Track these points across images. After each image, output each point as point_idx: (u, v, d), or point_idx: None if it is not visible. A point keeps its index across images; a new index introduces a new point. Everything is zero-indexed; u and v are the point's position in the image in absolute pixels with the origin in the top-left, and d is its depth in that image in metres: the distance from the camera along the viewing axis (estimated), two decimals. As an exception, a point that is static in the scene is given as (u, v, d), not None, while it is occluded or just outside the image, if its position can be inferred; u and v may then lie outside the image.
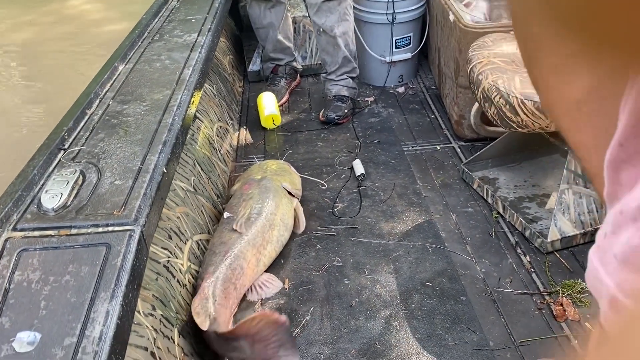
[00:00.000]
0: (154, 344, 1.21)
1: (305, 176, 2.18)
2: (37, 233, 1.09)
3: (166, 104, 1.54)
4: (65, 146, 1.37)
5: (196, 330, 1.47)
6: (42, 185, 1.22)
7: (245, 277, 1.63)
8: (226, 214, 1.77)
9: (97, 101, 1.58)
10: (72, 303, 0.95)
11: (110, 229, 1.10)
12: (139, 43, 1.96)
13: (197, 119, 2.07)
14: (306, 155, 2.39)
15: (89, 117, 1.50)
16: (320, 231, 1.94)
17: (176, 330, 1.34)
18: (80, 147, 1.36)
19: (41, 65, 4.27)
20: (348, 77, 2.64)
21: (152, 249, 1.33)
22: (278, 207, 1.81)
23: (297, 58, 3.00)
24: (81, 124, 1.47)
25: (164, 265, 1.42)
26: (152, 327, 1.23)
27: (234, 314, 1.59)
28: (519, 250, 1.83)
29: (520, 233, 1.89)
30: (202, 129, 2.10)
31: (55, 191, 1.18)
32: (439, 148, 2.40)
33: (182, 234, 1.60)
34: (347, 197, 2.12)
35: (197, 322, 1.42)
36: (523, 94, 1.67)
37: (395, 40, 2.77)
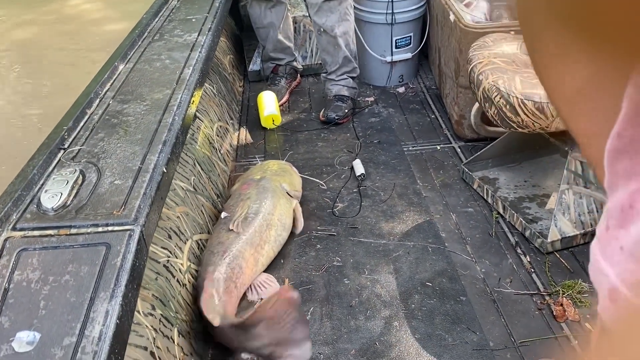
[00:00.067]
0: (154, 344, 1.21)
1: (305, 176, 2.17)
2: (36, 233, 1.09)
3: (166, 104, 1.54)
4: (65, 146, 1.37)
5: (200, 330, 1.47)
6: (42, 184, 1.22)
7: (244, 276, 1.63)
8: (223, 214, 1.77)
9: (97, 101, 1.58)
10: (72, 303, 0.95)
11: (110, 228, 1.10)
12: (139, 42, 1.96)
13: (197, 118, 2.07)
14: (306, 155, 2.39)
15: (89, 117, 1.50)
16: (320, 231, 1.94)
17: (176, 329, 1.34)
18: (80, 146, 1.36)
19: (41, 65, 4.27)
20: (348, 77, 2.64)
21: (151, 248, 1.33)
22: (276, 207, 1.81)
23: (298, 58, 2.99)
24: (81, 124, 1.47)
25: (164, 265, 1.42)
26: (152, 326, 1.23)
27: (235, 312, 1.59)
28: (519, 251, 1.83)
29: (521, 233, 1.89)
30: (202, 129, 2.10)
31: (55, 191, 1.18)
32: (439, 148, 2.40)
33: (182, 234, 1.60)
34: (347, 197, 2.11)
35: (209, 318, 1.42)
36: (523, 94, 1.67)
37: (396, 40, 2.77)
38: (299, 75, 3.00)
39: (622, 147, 0.38)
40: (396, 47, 2.79)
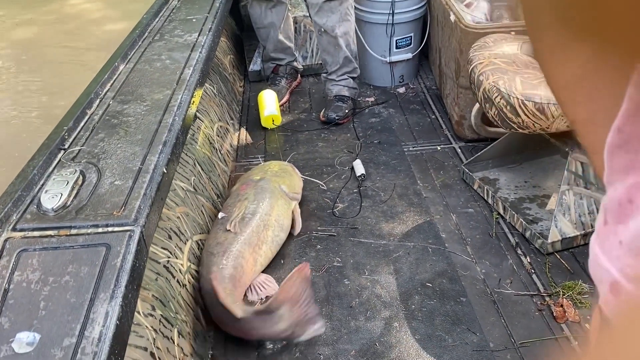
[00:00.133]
0: (154, 344, 1.21)
1: (306, 177, 2.17)
2: (36, 233, 1.09)
3: (166, 104, 1.54)
4: (65, 146, 1.37)
5: (200, 331, 1.47)
6: (42, 185, 1.22)
7: (245, 275, 1.64)
8: (221, 214, 1.77)
9: (98, 101, 1.58)
10: (72, 304, 0.94)
11: (110, 229, 1.10)
12: (139, 43, 1.96)
13: (197, 118, 2.07)
14: (306, 155, 2.39)
15: (89, 117, 1.50)
16: (321, 231, 1.94)
17: (176, 330, 1.34)
18: (81, 147, 1.36)
19: (41, 64, 4.27)
20: (349, 77, 2.64)
21: (152, 249, 1.33)
22: (273, 208, 1.80)
23: (298, 58, 2.99)
24: (81, 124, 1.46)
25: (164, 266, 1.42)
26: (152, 327, 1.23)
27: None
28: (519, 251, 1.83)
29: (521, 234, 1.89)
30: (203, 129, 2.09)
31: (55, 191, 1.18)
32: (439, 148, 2.40)
33: (182, 234, 1.59)
34: (347, 198, 2.11)
35: (233, 310, 1.44)
36: (524, 95, 1.67)
37: (396, 41, 2.77)
38: (299, 75, 3.00)
39: (621, 142, 0.39)
40: (396, 48, 2.79)
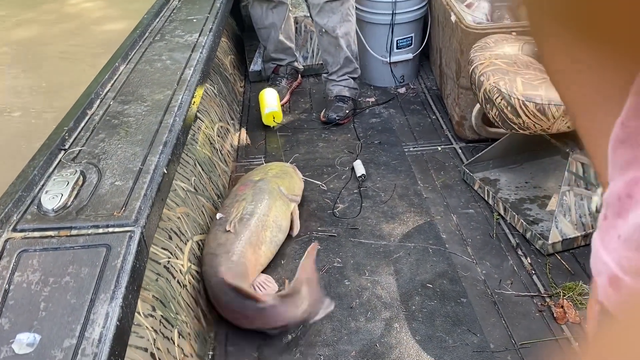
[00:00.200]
0: (154, 345, 1.20)
1: (306, 178, 2.17)
2: (37, 234, 1.09)
3: (167, 105, 1.54)
4: (66, 146, 1.36)
5: (200, 331, 1.47)
6: (43, 185, 1.22)
7: (249, 274, 1.65)
8: (219, 215, 1.77)
9: (98, 101, 1.58)
10: (72, 304, 0.94)
11: (110, 230, 1.10)
12: (140, 43, 1.96)
13: (198, 119, 2.06)
14: (307, 155, 2.39)
15: (90, 118, 1.50)
16: (321, 232, 1.94)
17: (176, 330, 1.34)
18: (81, 147, 1.36)
19: (42, 64, 4.27)
20: (349, 77, 2.64)
21: (152, 249, 1.33)
22: (271, 209, 1.80)
23: (299, 58, 2.99)
24: (82, 124, 1.46)
25: (164, 266, 1.42)
26: (152, 328, 1.23)
27: None
28: (519, 252, 1.83)
29: (521, 235, 1.88)
30: (203, 129, 2.09)
31: (55, 192, 1.18)
32: (440, 149, 2.40)
33: (183, 235, 1.59)
34: (347, 198, 2.11)
35: (262, 298, 1.48)
36: (525, 96, 1.67)
37: (397, 41, 2.77)
38: (299, 75, 3.00)
39: (624, 137, 0.39)
40: (397, 48, 2.79)
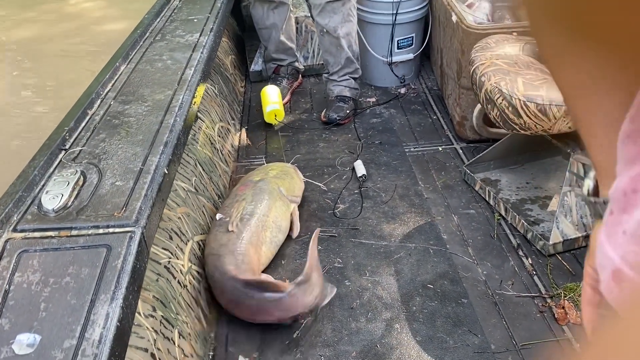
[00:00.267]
0: (154, 345, 1.20)
1: (307, 179, 2.16)
2: (37, 234, 1.09)
3: (168, 105, 1.54)
4: (66, 146, 1.36)
5: (201, 331, 1.47)
6: (43, 185, 1.22)
7: (255, 273, 1.65)
8: (218, 215, 1.77)
9: (99, 101, 1.58)
10: (72, 305, 0.94)
11: (110, 230, 1.09)
12: (140, 43, 1.96)
13: (198, 119, 2.06)
14: (307, 155, 2.39)
15: (90, 118, 1.50)
16: (321, 232, 1.94)
17: (176, 331, 1.34)
18: (81, 147, 1.36)
19: (42, 64, 4.27)
20: (350, 77, 2.64)
21: (152, 249, 1.33)
22: (271, 209, 1.80)
23: (299, 58, 2.99)
24: (82, 124, 1.46)
25: (165, 266, 1.41)
26: (153, 328, 1.23)
27: None
28: (520, 253, 1.82)
29: (522, 235, 1.88)
30: (204, 129, 2.09)
31: (55, 192, 1.18)
32: (440, 149, 2.40)
33: (183, 235, 1.59)
34: (348, 198, 2.11)
35: (282, 287, 1.51)
36: (526, 96, 1.66)
37: (398, 41, 2.77)
38: (300, 75, 3.00)
39: (630, 132, 0.40)
40: (398, 48, 2.79)
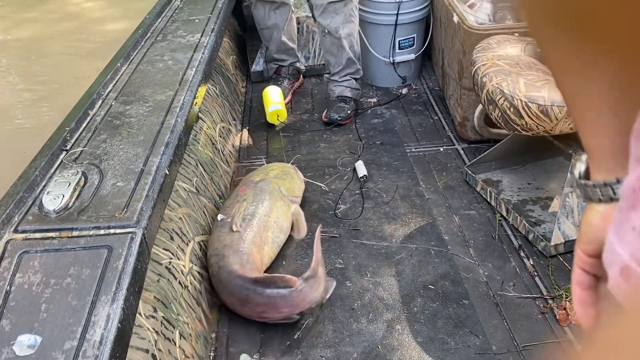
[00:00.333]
0: (155, 346, 1.20)
1: (308, 180, 2.16)
2: (38, 235, 1.09)
3: (169, 105, 1.54)
4: (67, 147, 1.36)
5: (201, 332, 1.47)
6: (44, 186, 1.22)
7: (260, 272, 1.65)
8: (220, 216, 1.77)
9: (100, 102, 1.58)
10: (73, 306, 0.94)
11: (111, 231, 1.09)
12: (142, 43, 1.96)
13: (199, 119, 2.06)
14: (308, 156, 2.38)
15: (92, 118, 1.50)
16: (322, 233, 1.93)
17: (177, 332, 1.34)
18: (83, 148, 1.36)
19: (44, 63, 4.27)
20: (351, 78, 2.63)
21: (153, 250, 1.33)
22: (272, 210, 1.80)
23: (300, 58, 2.99)
24: (83, 125, 1.46)
25: (166, 267, 1.41)
26: (153, 329, 1.23)
27: None
28: (522, 254, 1.82)
29: (524, 236, 1.88)
30: (205, 130, 2.09)
31: (57, 192, 1.18)
32: (442, 150, 2.39)
33: (184, 235, 1.59)
34: (349, 199, 2.11)
35: (292, 282, 1.51)
36: (527, 97, 1.66)
37: (399, 41, 2.76)
38: (301, 76, 3.00)
39: None
40: (399, 48, 2.79)
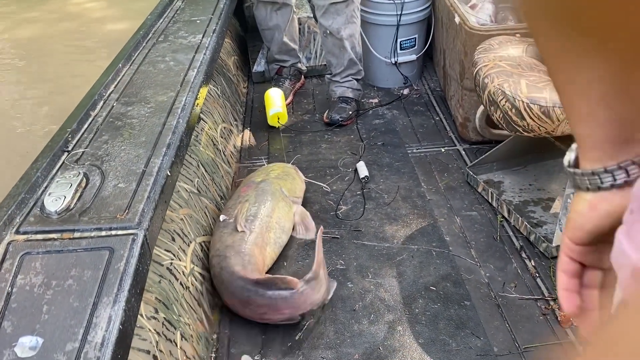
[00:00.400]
0: (157, 347, 1.20)
1: (309, 180, 2.16)
2: (40, 236, 1.09)
3: (170, 106, 1.54)
4: (69, 148, 1.36)
5: (202, 333, 1.47)
6: (46, 187, 1.22)
7: (262, 273, 1.65)
8: (222, 217, 1.77)
9: (101, 103, 1.58)
10: (75, 308, 0.94)
11: (113, 232, 1.09)
12: (143, 44, 1.96)
13: (201, 120, 2.06)
14: (310, 156, 2.38)
15: (93, 119, 1.50)
16: (324, 234, 1.93)
17: (179, 333, 1.34)
18: (84, 149, 1.36)
19: (45, 64, 4.27)
20: (353, 79, 2.63)
21: (155, 251, 1.33)
22: (274, 210, 1.80)
23: (302, 59, 2.99)
24: (85, 126, 1.46)
25: (167, 268, 1.41)
26: (155, 330, 1.23)
27: None
28: (523, 255, 1.82)
29: (525, 237, 1.88)
30: (206, 130, 2.09)
31: (58, 194, 1.18)
32: (443, 150, 2.39)
33: (186, 236, 1.59)
34: (350, 200, 2.11)
35: (293, 283, 1.51)
36: (529, 98, 1.66)
37: (400, 42, 2.76)
38: (303, 76, 2.99)
39: None
40: (401, 49, 2.78)
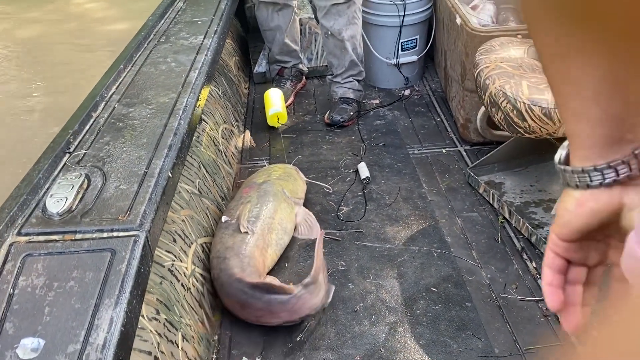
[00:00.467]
0: (158, 349, 1.20)
1: (310, 180, 2.16)
2: (41, 238, 1.09)
3: (172, 107, 1.54)
4: (71, 149, 1.36)
5: (203, 334, 1.47)
6: (47, 189, 1.22)
7: (261, 275, 1.65)
8: (224, 218, 1.77)
9: (103, 104, 1.58)
10: (76, 309, 0.94)
11: (115, 234, 1.09)
12: (144, 45, 1.96)
13: (202, 120, 2.06)
14: (311, 157, 2.38)
15: (95, 120, 1.50)
16: (325, 235, 1.93)
17: (180, 334, 1.34)
18: (86, 150, 1.36)
19: (46, 64, 4.28)
20: (354, 79, 2.63)
21: (156, 252, 1.33)
22: (276, 211, 1.80)
23: (303, 60, 2.99)
24: (87, 127, 1.46)
25: (168, 269, 1.41)
26: (156, 331, 1.23)
27: None
28: (524, 256, 1.82)
29: (526, 238, 1.88)
30: (208, 131, 2.09)
31: (60, 195, 1.18)
32: (444, 151, 2.39)
33: (187, 237, 1.59)
34: (351, 201, 2.11)
35: (288, 289, 1.51)
36: (530, 100, 1.66)
37: (402, 43, 2.76)
38: (304, 77, 2.99)
39: None
40: (402, 50, 2.78)
